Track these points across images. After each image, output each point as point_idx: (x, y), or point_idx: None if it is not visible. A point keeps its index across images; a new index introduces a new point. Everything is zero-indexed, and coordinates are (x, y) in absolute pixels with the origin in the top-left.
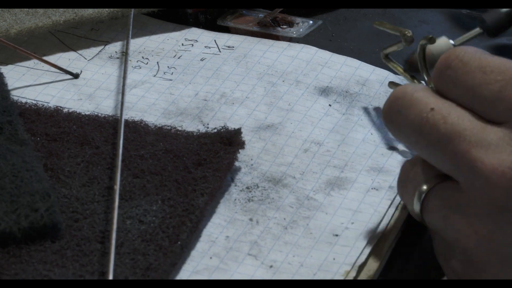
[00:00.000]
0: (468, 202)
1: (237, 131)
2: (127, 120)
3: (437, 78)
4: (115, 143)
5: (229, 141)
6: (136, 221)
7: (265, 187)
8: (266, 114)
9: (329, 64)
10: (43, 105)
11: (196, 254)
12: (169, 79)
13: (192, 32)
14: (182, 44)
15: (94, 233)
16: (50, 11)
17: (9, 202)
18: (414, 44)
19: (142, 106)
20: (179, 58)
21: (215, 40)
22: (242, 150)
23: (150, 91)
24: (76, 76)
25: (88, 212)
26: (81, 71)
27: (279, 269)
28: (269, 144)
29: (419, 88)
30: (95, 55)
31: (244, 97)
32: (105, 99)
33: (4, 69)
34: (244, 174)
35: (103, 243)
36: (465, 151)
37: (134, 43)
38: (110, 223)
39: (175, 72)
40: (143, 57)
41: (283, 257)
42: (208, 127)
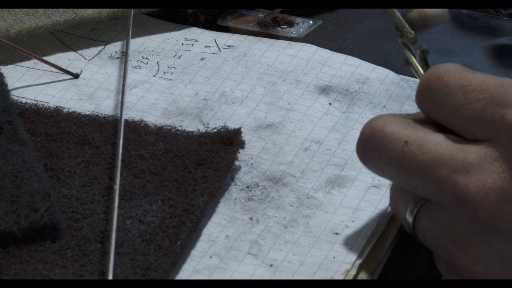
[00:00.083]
0: (455, 223)
1: (237, 130)
2: (127, 120)
3: (419, 100)
4: (115, 143)
5: (229, 141)
6: (136, 221)
7: (265, 186)
8: (266, 113)
9: (329, 62)
10: (43, 105)
11: (196, 254)
12: (169, 79)
13: (192, 31)
14: (182, 44)
15: (94, 233)
16: (50, 11)
17: (9, 202)
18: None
19: (142, 106)
20: (179, 58)
21: (215, 40)
22: (242, 149)
23: (150, 91)
24: (76, 76)
25: (88, 212)
26: (81, 71)
27: (279, 268)
28: (269, 143)
29: (387, 122)
30: (95, 55)
31: (244, 96)
32: (105, 99)
33: (4, 69)
34: (244, 173)
35: (103, 243)
36: (446, 177)
37: (134, 43)
38: (110, 223)
39: (175, 72)
40: (143, 57)
41: (283, 256)
42: (208, 127)
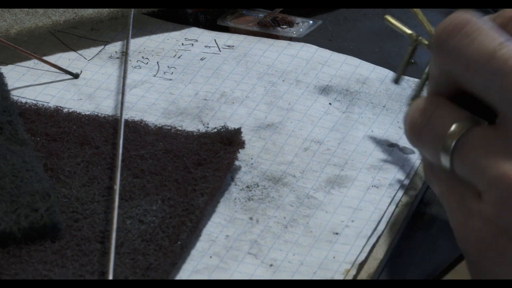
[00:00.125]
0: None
1: (237, 130)
2: (127, 120)
3: (441, 53)
4: (115, 143)
5: (229, 141)
6: (136, 221)
7: (265, 186)
8: (266, 113)
9: (329, 63)
10: (43, 105)
11: (196, 253)
12: (169, 79)
13: (192, 31)
14: (182, 44)
15: (94, 233)
16: (50, 11)
17: (9, 202)
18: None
19: (142, 106)
20: (179, 57)
21: (215, 40)
22: (242, 149)
23: (150, 91)
24: (76, 76)
25: (88, 212)
26: (81, 71)
27: (279, 267)
28: (269, 143)
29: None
30: (95, 55)
31: (244, 96)
32: (105, 99)
33: (4, 69)
34: (244, 173)
35: (103, 243)
36: None
37: (134, 43)
38: (110, 223)
39: (175, 71)
40: (143, 57)
41: (283, 255)
42: (208, 126)
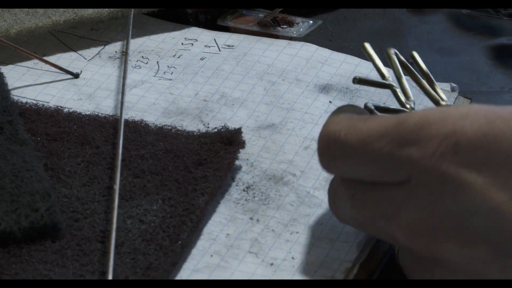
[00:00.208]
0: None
1: (237, 130)
2: (127, 120)
3: (327, 168)
4: (115, 143)
5: (229, 140)
6: (137, 220)
7: (265, 185)
8: (266, 113)
9: (329, 61)
10: (43, 105)
11: (197, 252)
12: (169, 78)
13: (191, 31)
14: (182, 44)
15: (94, 232)
16: (50, 11)
17: (9, 202)
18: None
19: (142, 106)
20: (179, 57)
21: (214, 39)
22: (242, 149)
23: (150, 90)
24: (76, 76)
25: (89, 212)
26: (81, 71)
27: (279, 266)
28: (269, 142)
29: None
30: (95, 55)
31: (244, 96)
32: (105, 99)
33: (4, 69)
34: (245, 172)
35: (103, 242)
36: (382, 227)
37: (134, 43)
38: (110, 222)
39: (175, 71)
40: (143, 57)
41: (284, 254)
42: (208, 126)
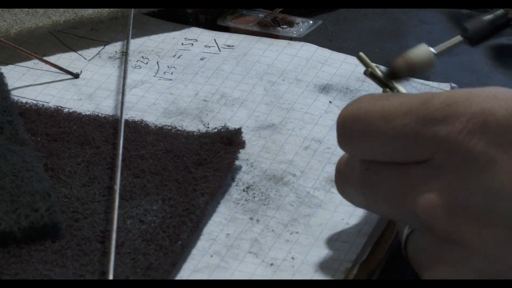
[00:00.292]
0: (427, 243)
1: (237, 130)
2: (127, 120)
3: (344, 146)
4: (115, 143)
5: (229, 140)
6: (137, 220)
7: (265, 186)
8: (266, 113)
9: (329, 62)
10: (43, 105)
11: (197, 252)
12: (169, 78)
13: (191, 31)
14: (182, 44)
15: (94, 233)
16: (50, 11)
17: (9, 202)
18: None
19: (142, 106)
20: (179, 57)
21: (214, 39)
22: (242, 149)
23: (150, 91)
24: (76, 76)
25: (89, 212)
26: (81, 71)
27: (279, 267)
28: (269, 142)
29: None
30: (95, 55)
31: (244, 96)
32: (105, 99)
33: (4, 69)
34: (245, 173)
35: (103, 242)
36: (401, 203)
37: (134, 43)
38: (110, 223)
39: (175, 71)
40: (143, 57)
41: (284, 254)
42: (208, 126)
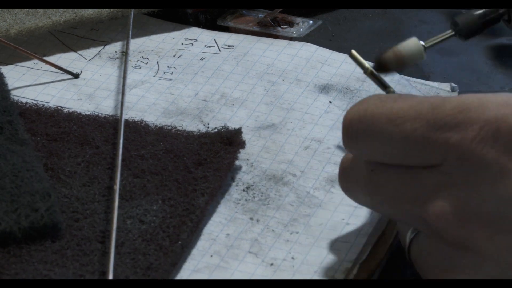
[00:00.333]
0: (436, 249)
1: (238, 130)
2: (127, 120)
3: (350, 147)
4: (115, 143)
5: (229, 140)
6: (137, 220)
7: (265, 186)
8: (266, 113)
9: (329, 61)
10: (43, 105)
11: (197, 252)
12: (169, 78)
13: (191, 31)
14: (182, 44)
15: (94, 232)
16: (50, 11)
17: (9, 201)
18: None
19: (142, 106)
20: (179, 57)
21: (214, 39)
22: (242, 149)
23: (150, 91)
24: (76, 76)
25: (89, 212)
26: (81, 71)
27: (279, 267)
28: (269, 142)
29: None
30: (95, 55)
31: (244, 96)
32: (105, 99)
33: (4, 69)
34: (244, 173)
35: (103, 242)
36: (410, 209)
37: (134, 43)
38: (110, 222)
39: (175, 71)
40: (143, 57)
41: (284, 254)
42: (208, 126)
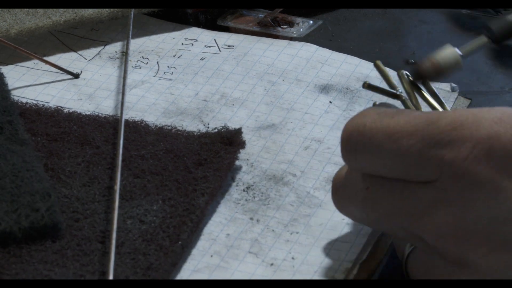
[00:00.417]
0: (433, 264)
1: (238, 131)
2: (127, 120)
3: (348, 160)
4: (115, 143)
5: (229, 141)
6: (137, 221)
7: (265, 186)
8: (266, 113)
9: (329, 62)
10: (43, 105)
11: (197, 252)
12: (169, 79)
13: (192, 31)
14: (182, 44)
15: (94, 233)
16: (50, 11)
17: (9, 202)
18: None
19: (142, 106)
20: (179, 57)
21: (215, 39)
22: (242, 149)
23: (150, 91)
24: (76, 76)
25: (89, 212)
26: (81, 71)
27: (279, 267)
28: (269, 142)
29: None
30: (95, 55)
31: (244, 96)
32: (105, 99)
33: (4, 69)
34: (245, 173)
35: (103, 243)
36: (407, 226)
37: (134, 43)
38: (110, 223)
39: (175, 71)
40: (143, 57)
41: (284, 254)
42: (208, 127)
